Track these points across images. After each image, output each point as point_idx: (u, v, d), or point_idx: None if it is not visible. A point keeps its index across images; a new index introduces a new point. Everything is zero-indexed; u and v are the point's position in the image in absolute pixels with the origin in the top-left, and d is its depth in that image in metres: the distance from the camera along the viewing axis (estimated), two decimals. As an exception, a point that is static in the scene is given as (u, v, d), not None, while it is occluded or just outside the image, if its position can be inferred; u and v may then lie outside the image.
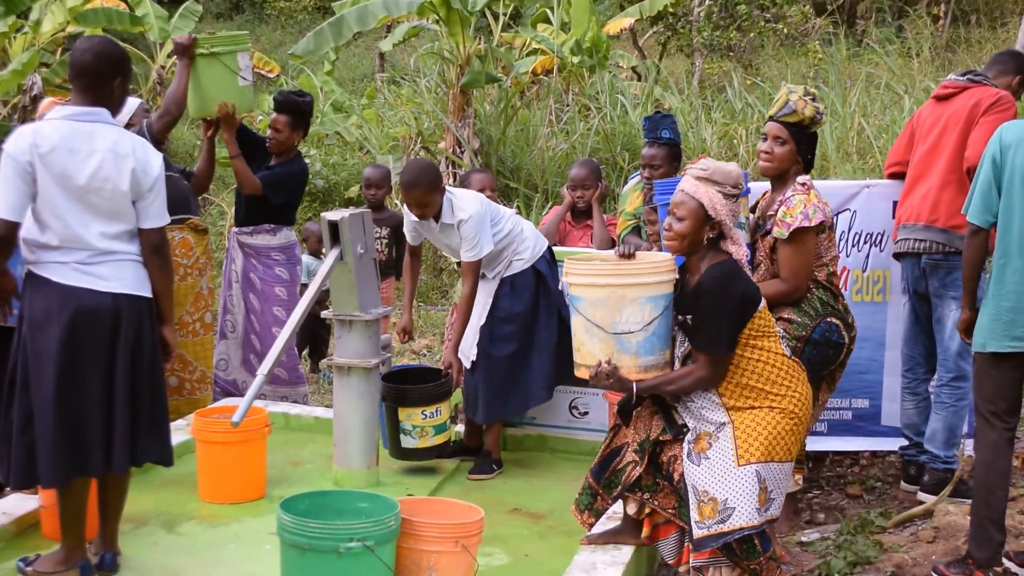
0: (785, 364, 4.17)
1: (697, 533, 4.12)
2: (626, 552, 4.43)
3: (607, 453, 4.42)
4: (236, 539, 4.86)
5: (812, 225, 4.63)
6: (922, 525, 5.27)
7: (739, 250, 4.20)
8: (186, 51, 6.30)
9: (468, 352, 5.74)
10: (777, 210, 4.70)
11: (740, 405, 4.12)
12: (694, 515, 4.13)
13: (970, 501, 4.80)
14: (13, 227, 4.01)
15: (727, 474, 4.07)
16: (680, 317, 4.22)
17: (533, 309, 5.74)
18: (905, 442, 5.84)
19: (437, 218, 5.56)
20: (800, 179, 4.76)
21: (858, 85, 12.02)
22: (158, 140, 6.11)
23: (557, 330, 5.80)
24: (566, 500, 5.27)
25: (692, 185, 4.18)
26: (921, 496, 5.57)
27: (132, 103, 6.35)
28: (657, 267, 4.26)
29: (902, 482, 5.85)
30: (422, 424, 5.59)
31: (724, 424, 4.12)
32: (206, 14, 26.33)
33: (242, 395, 6.38)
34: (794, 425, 4.14)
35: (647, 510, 4.42)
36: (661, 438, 4.30)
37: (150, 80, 15.80)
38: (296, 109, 6.72)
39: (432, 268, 11.27)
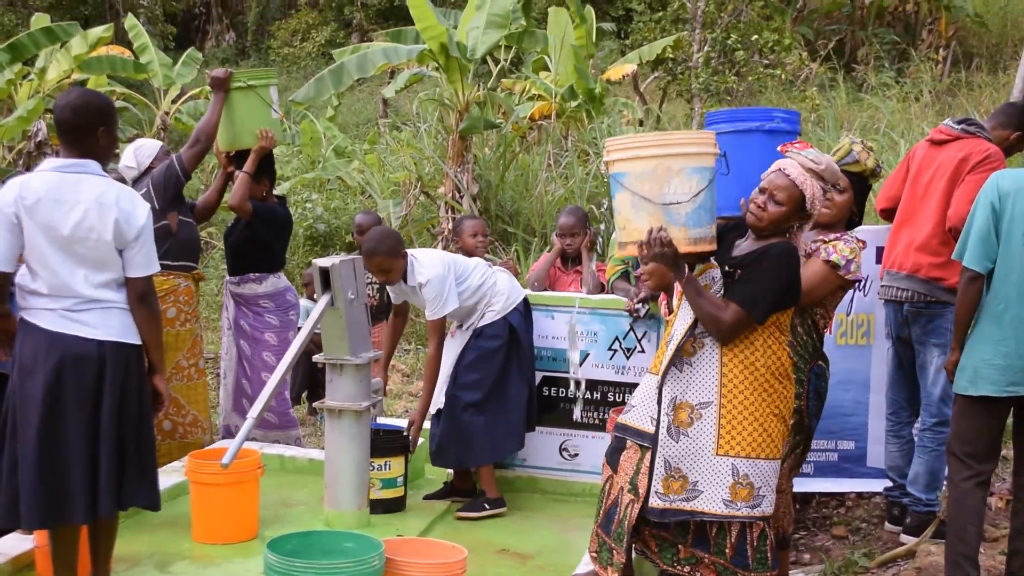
0: (787, 363, 4.20)
1: (658, 504, 4.16)
2: (608, 592, 4.49)
3: (610, 506, 4.39)
4: (227, 579, 4.93)
5: (849, 278, 4.58)
6: (904, 565, 5.33)
7: (803, 247, 4.26)
8: (222, 84, 6.48)
9: (436, 398, 5.82)
10: (831, 240, 4.59)
11: (736, 384, 4.12)
12: (657, 487, 4.17)
13: (949, 541, 4.86)
14: (3, 276, 4.17)
15: (703, 458, 4.13)
16: (727, 267, 4.20)
17: (503, 361, 5.81)
18: (890, 483, 5.91)
19: (406, 280, 5.68)
20: (858, 234, 4.72)
21: (855, 129, 12.13)
22: (187, 173, 6.28)
23: (527, 385, 5.91)
24: (555, 541, 5.36)
25: (800, 174, 4.15)
26: (903, 538, 5.63)
27: (153, 145, 6.55)
28: (699, 139, 4.27)
29: (886, 523, 5.92)
30: (369, 476, 5.59)
31: (709, 403, 4.13)
32: (212, 59, 26.63)
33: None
34: (779, 423, 4.18)
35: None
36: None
37: (154, 126, 15.98)
38: None
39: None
